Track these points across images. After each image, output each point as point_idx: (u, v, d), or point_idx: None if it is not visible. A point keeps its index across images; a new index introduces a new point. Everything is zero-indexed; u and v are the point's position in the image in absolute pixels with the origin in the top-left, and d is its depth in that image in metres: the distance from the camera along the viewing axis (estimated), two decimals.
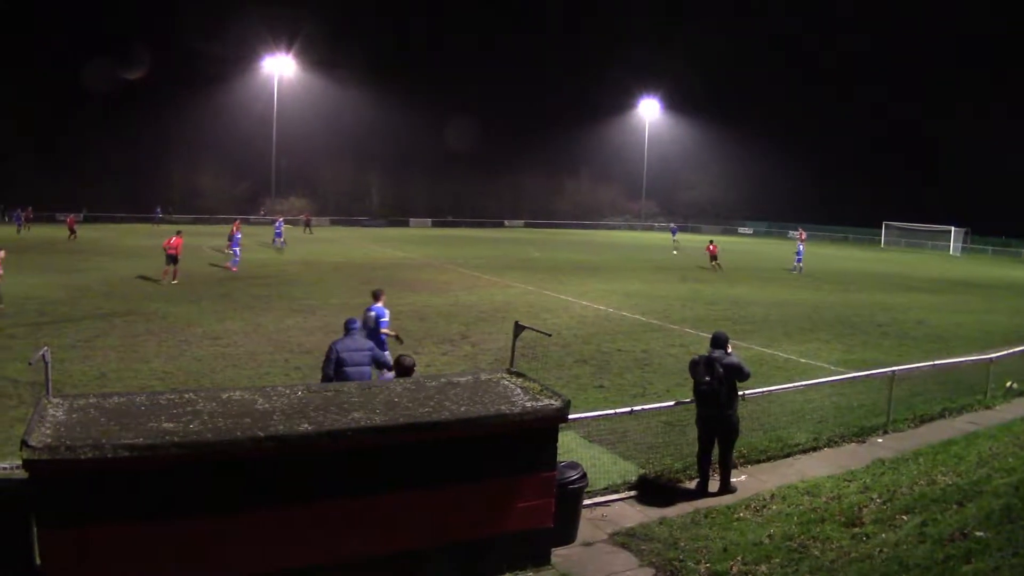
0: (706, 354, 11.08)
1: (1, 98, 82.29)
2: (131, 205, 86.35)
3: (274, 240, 55.60)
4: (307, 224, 77.17)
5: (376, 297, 15.64)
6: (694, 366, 11.08)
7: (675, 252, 60.49)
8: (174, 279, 32.61)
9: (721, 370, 10.86)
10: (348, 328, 12.33)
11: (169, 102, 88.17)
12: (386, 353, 12.98)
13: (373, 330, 15.08)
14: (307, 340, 21.10)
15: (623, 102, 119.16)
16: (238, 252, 40.58)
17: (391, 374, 11.48)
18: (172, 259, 32.90)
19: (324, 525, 7.36)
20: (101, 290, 29.62)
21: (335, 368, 11.58)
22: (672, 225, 76.98)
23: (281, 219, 61.08)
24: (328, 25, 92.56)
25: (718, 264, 47.88)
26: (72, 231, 58.94)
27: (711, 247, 49.47)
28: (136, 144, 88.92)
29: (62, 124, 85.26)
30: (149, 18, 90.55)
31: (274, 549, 7.17)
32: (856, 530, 9.18)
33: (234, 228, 43.80)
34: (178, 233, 35.04)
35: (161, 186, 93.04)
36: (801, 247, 49.15)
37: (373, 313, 15.29)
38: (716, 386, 10.86)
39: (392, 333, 15.57)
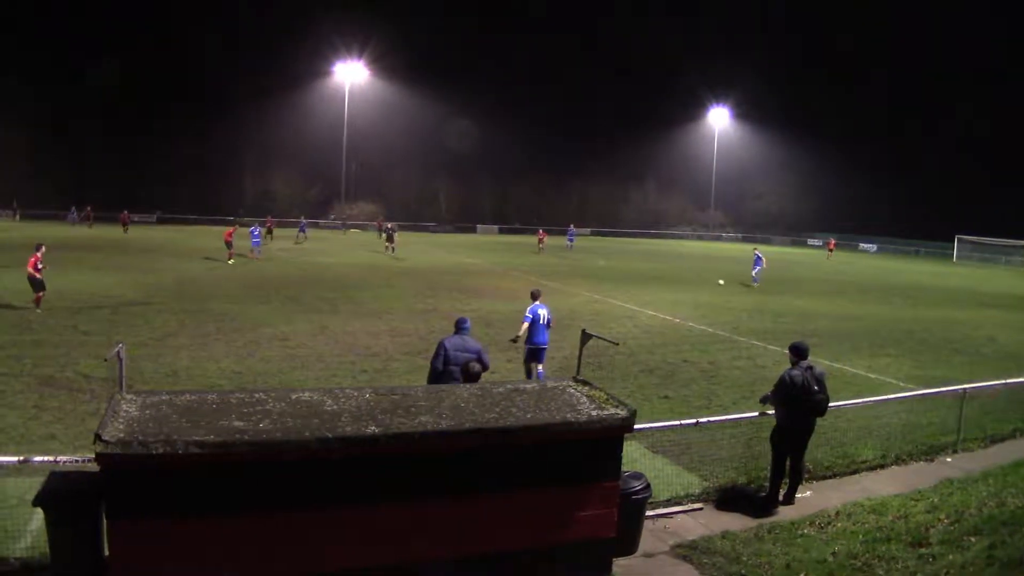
0: (800, 367, 10.95)
1: (84, 101, 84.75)
2: (205, 207, 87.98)
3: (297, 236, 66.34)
4: (382, 230, 78.33)
5: (535, 296, 17.17)
6: (792, 381, 10.81)
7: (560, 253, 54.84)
8: (229, 260, 43.15)
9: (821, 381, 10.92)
10: (459, 327, 12.28)
11: (243, 107, 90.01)
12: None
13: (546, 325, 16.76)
14: (374, 343, 21.33)
15: (692, 111, 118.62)
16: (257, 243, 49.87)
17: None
18: (228, 245, 44.17)
19: (388, 528, 7.41)
20: (173, 290, 30.26)
21: (443, 365, 11.59)
22: (571, 228, 76.00)
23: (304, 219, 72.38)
24: (399, 32, 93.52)
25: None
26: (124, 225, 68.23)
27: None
28: (210, 148, 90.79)
29: (143, 125, 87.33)
30: (224, 25, 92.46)
31: (339, 549, 7.24)
32: (922, 550, 9.05)
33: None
34: (232, 225, 49.55)
35: (234, 189, 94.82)
36: (759, 255, 43.81)
37: (544, 311, 16.64)
38: (825, 397, 10.88)
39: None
